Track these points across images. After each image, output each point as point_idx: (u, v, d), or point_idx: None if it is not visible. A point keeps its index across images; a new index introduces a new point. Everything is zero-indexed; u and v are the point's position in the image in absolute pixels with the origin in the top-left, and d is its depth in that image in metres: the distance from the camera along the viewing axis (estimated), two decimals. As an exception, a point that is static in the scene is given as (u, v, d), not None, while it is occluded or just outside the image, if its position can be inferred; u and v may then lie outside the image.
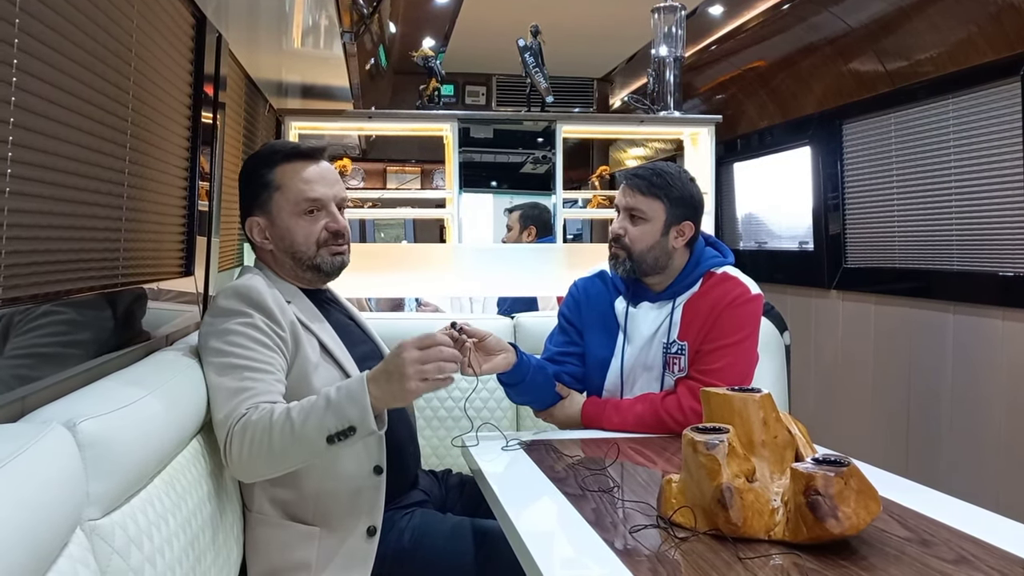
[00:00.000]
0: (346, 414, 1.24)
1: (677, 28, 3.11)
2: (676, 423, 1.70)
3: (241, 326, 1.42)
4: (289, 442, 1.26)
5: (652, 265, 1.82)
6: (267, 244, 1.59)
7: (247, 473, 1.35)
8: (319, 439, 1.24)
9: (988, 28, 2.57)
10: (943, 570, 1.00)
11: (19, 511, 0.75)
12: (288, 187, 1.56)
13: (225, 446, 1.32)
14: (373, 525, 1.49)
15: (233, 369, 1.37)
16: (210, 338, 1.43)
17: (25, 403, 1.03)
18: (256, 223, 1.58)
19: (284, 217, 1.56)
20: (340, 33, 2.22)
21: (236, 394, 1.34)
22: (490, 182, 4.31)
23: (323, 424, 1.24)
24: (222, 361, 1.38)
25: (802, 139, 3.72)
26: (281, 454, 1.28)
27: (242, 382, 1.36)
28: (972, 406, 2.78)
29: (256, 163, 1.60)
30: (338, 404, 1.25)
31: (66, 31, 1.11)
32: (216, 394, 1.36)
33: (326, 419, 1.24)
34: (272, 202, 1.56)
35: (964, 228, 2.83)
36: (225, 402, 1.34)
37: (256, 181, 1.58)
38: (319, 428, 1.24)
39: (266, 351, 1.42)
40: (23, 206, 1.02)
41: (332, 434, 1.24)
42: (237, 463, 1.31)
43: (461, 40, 4.35)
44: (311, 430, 1.25)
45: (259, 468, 1.32)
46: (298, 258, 1.57)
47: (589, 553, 1.09)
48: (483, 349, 1.70)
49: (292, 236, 1.56)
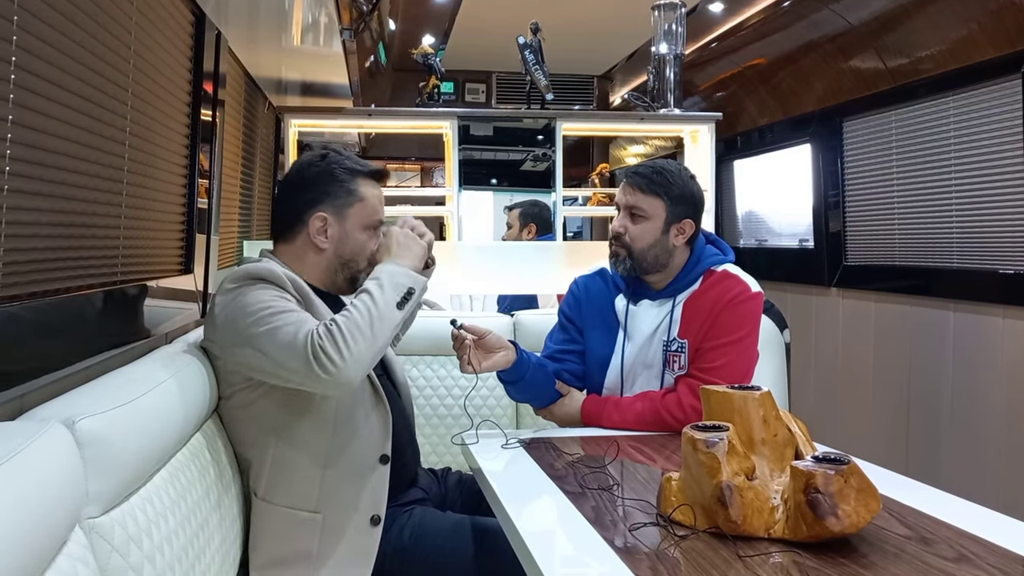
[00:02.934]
0: (399, 283, 1.44)
1: (677, 25, 3.11)
2: (676, 421, 1.70)
3: (260, 291, 1.42)
4: (376, 317, 1.37)
5: (652, 263, 1.81)
6: (324, 242, 1.59)
7: (359, 367, 1.35)
8: (391, 307, 1.40)
9: (988, 25, 2.57)
10: (943, 568, 1.00)
11: (18, 509, 0.75)
12: (368, 202, 1.62)
13: (315, 348, 1.31)
14: (377, 515, 1.49)
15: (276, 313, 1.38)
16: (228, 308, 1.42)
17: (24, 401, 1.03)
18: (323, 218, 1.59)
19: (355, 227, 1.61)
20: (339, 30, 2.22)
21: (301, 325, 1.36)
22: (490, 180, 4.31)
23: (388, 297, 1.41)
24: (260, 308, 1.39)
25: (802, 137, 3.72)
26: (374, 335, 1.36)
27: (296, 317, 1.38)
28: (972, 404, 2.78)
29: (341, 166, 1.61)
30: (387, 280, 1.43)
31: (65, 29, 1.11)
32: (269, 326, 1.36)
33: (387, 293, 1.41)
34: (351, 208, 1.60)
35: (964, 226, 2.82)
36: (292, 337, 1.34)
37: (340, 183, 1.60)
38: (390, 299, 1.41)
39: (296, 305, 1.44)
40: (22, 203, 1.01)
41: (398, 300, 1.42)
42: (344, 365, 1.31)
43: (461, 37, 4.35)
44: (384, 302, 1.40)
45: (366, 357, 1.36)
46: (349, 266, 1.61)
47: (589, 551, 1.09)
48: (483, 347, 1.71)
49: (355, 246, 1.60)
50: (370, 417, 1.52)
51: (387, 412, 1.54)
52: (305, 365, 1.32)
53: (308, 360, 1.31)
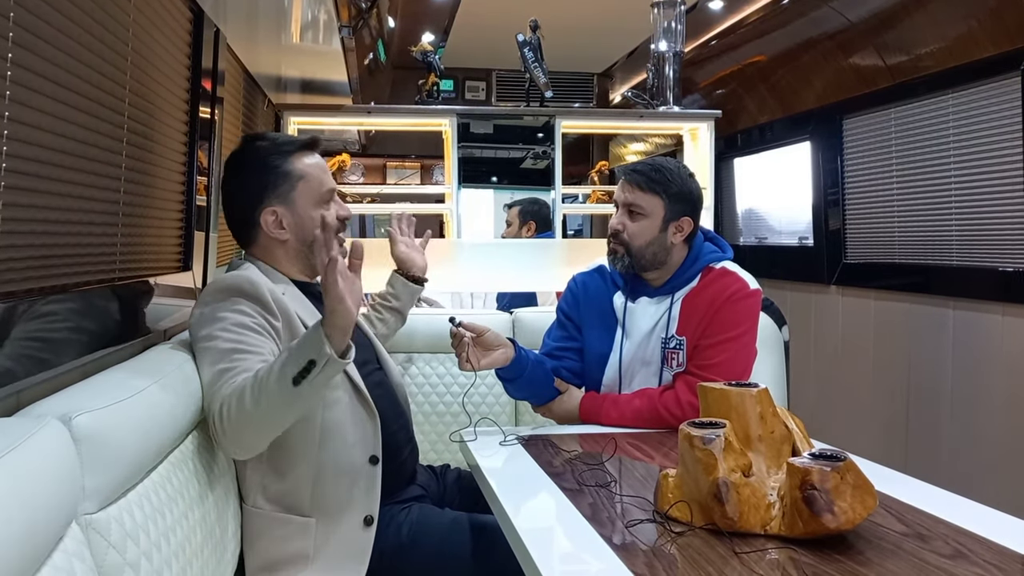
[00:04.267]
0: (303, 351, 1.23)
1: (677, 23, 3.10)
2: (674, 418, 1.70)
3: (230, 313, 1.40)
4: (260, 396, 1.25)
5: (651, 261, 1.81)
6: (283, 235, 1.56)
7: (237, 444, 1.31)
8: (285, 382, 1.23)
9: (988, 23, 2.57)
10: (939, 565, 1.00)
11: (14, 505, 0.75)
12: (310, 177, 1.56)
13: (212, 425, 1.31)
14: (370, 515, 1.49)
15: (222, 354, 1.36)
16: (200, 327, 1.41)
17: (20, 397, 1.03)
18: (273, 212, 1.55)
19: (308, 207, 1.56)
20: (338, 27, 2.21)
21: (222, 375, 1.33)
22: (490, 177, 4.30)
23: (285, 369, 1.23)
24: (210, 346, 1.37)
25: (802, 134, 3.72)
26: (258, 413, 1.26)
27: (230, 363, 1.34)
28: (971, 402, 2.78)
29: (268, 152, 1.57)
30: (295, 347, 1.26)
31: (62, 26, 1.11)
32: (205, 378, 1.36)
33: (287, 364, 1.24)
34: (295, 191, 1.55)
35: (964, 223, 2.82)
36: (211, 384, 1.33)
37: (273, 170, 1.55)
38: (282, 372, 1.23)
39: (256, 336, 1.40)
40: (19, 200, 1.01)
41: (295, 374, 1.22)
42: (223, 437, 1.29)
43: (461, 35, 4.35)
44: (275, 375, 1.24)
45: (246, 435, 1.30)
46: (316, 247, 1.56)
47: (586, 548, 1.09)
48: (482, 344, 1.71)
49: (314, 225, 1.55)
50: (357, 421, 1.51)
51: (375, 415, 1.52)
52: (209, 423, 1.33)
53: (210, 419, 1.32)
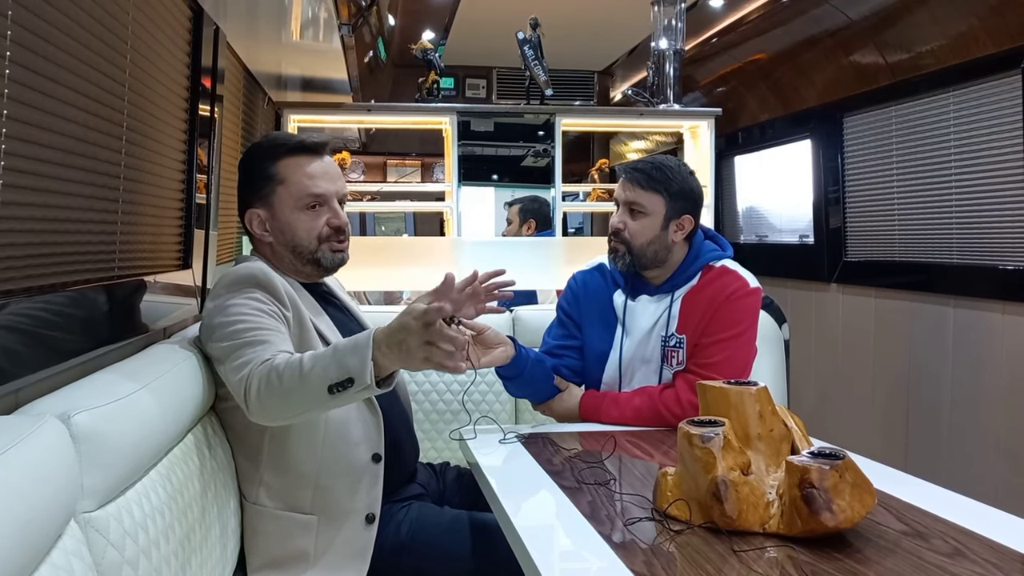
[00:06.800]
0: (347, 364, 1.20)
1: (677, 21, 3.10)
2: (674, 416, 1.70)
3: (247, 300, 1.40)
4: (297, 384, 1.22)
5: (652, 259, 1.81)
6: (266, 236, 1.57)
7: (264, 413, 1.29)
8: (322, 386, 1.20)
9: (989, 20, 2.56)
10: (938, 563, 1.00)
11: (12, 503, 0.75)
12: (292, 181, 1.55)
13: (245, 389, 1.28)
14: (372, 513, 1.49)
15: (245, 331, 1.35)
16: (214, 317, 1.41)
17: (19, 396, 1.03)
18: (256, 215, 1.57)
19: (286, 211, 1.55)
20: (338, 25, 2.21)
21: (253, 346, 1.32)
22: (490, 175, 4.30)
23: (327, 372, 1.20)
24: (232, 330, 1.36)
25: (803, 132, 3.71)
26: (292, 397, 1.24)
27: (257, 336, 1.34)
28: (972, 400, 2.78)
29: (258, 155, 1.59)
30: (342, 353, 1.21)
31: (61, 23, 1.11)
32: (231, 353, 1.34)
33: (330, 368, 1.20)
34: (275, 195, 1.55)
35: (964, 222, 2.82)
36: (243, 354, 1.31)
37: (258, 173, 1.57)
38: (323, 376, 1.21)
39: (273, 321, 1.40)
40: (17, 198, 1.01)
41: (333, 383, 1.20)
42: (255, 403, 1.27)
43: (461, 33, 4.34)
44: (316, 376, 1.21)
45: (274, 409, 1.27)
46: (299, 252, 1.57)
47: (585, 546, 1.09)
48: (481, 342, 1.71)
49: (294, 230, 1.55)
50: (361, 419, 1.51)
51: (378, 413, 1.53)
52: (238, 394, 1.31)
53: (243, 382, 1.29)
